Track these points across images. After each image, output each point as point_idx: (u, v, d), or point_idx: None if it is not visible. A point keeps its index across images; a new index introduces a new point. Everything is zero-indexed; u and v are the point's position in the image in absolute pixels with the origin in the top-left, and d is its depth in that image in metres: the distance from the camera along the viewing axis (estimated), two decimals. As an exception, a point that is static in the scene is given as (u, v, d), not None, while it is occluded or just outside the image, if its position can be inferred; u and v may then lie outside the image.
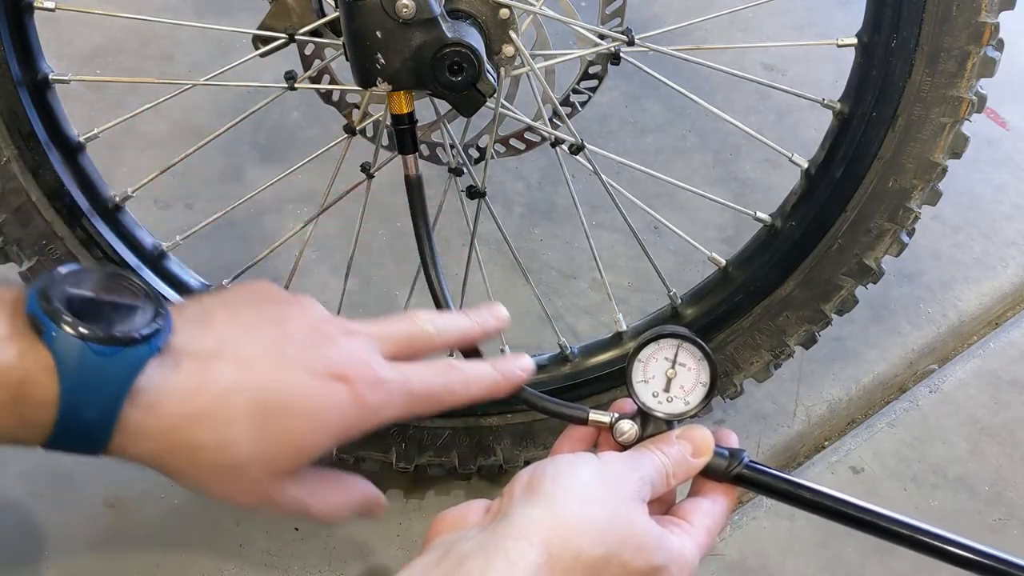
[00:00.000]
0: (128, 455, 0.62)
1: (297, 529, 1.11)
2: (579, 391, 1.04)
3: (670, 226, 1.00)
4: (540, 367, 1.07)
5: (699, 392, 0.72)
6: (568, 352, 1.06)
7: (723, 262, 1.00)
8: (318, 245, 1.37)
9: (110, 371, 0.57)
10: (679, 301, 1.02)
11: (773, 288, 0.96)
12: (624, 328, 1.03)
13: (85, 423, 0.58)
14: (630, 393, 0.72)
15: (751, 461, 0.71)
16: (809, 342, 0.99)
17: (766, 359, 1.00)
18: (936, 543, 0.69)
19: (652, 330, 0.73)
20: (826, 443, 1.23)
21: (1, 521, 1.09)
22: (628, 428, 0.71)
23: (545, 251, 1.42)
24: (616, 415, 0.71)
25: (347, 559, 1.09)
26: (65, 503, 1.11)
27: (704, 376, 0.72)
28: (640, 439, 0.71)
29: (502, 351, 1.06)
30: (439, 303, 0.79)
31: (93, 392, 0.57)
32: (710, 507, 0.70)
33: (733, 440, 0.73)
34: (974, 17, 0.79)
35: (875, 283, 0.95)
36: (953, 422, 1.24)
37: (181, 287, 0.99)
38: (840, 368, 1.30)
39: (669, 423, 0.71)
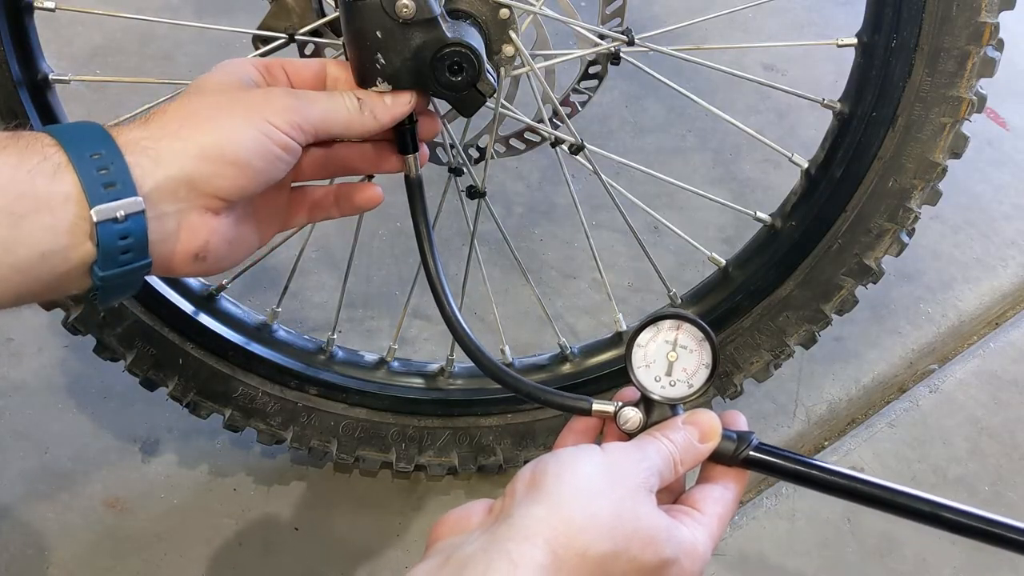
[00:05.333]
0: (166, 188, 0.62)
1: (297, 529, 1.11)
2: (579, 391, 1.03)
3: (670, 226, 1.00)
4: (540, 367, 1.07)
5: (702, 374, 0.70)
6: (568, 352, 1.06)
7: (723, 262, 1.00)
8: (318, 245, 1.37)
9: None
10: (679, 301, 1.02)
11: (773, 288, 0.96)
12: (624, 328, 1.03)
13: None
14: (632, 379, 0.70)
15: (761, 443, 0.69)
16: (809, 342, 0.99)
17: (766, 359, 1.00)
18: (958, 517, 0.67)
19: (651, 313, 0.72)
20: (826, 443, 1.24)
21: (1, 521, 1.09)
22: (632, 415, 0.69)
23: (545, 251, 1.42)
24: (620, 403, 0.70)
25: (347, 558, 1.09)
26: (65, 503, 1.11)
27: (706, 357, 0.70)
28: (645, 426, 0.69)
29: (502, 350, 1.06)
30: (440, 303, 0.78)
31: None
32: (721, 493, 0.68)
33: (741, 422, 0.71)
34: (974, 17, 0.79)
35: (875, 283, 0.95)
36: (953, 422, 1.24)
37: (180, 287, 0.99)
38: (840, 368, 1.30)
39: (674, 408, 0.69)
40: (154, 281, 0.96)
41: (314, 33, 0.86)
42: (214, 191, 0.63)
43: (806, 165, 0.93)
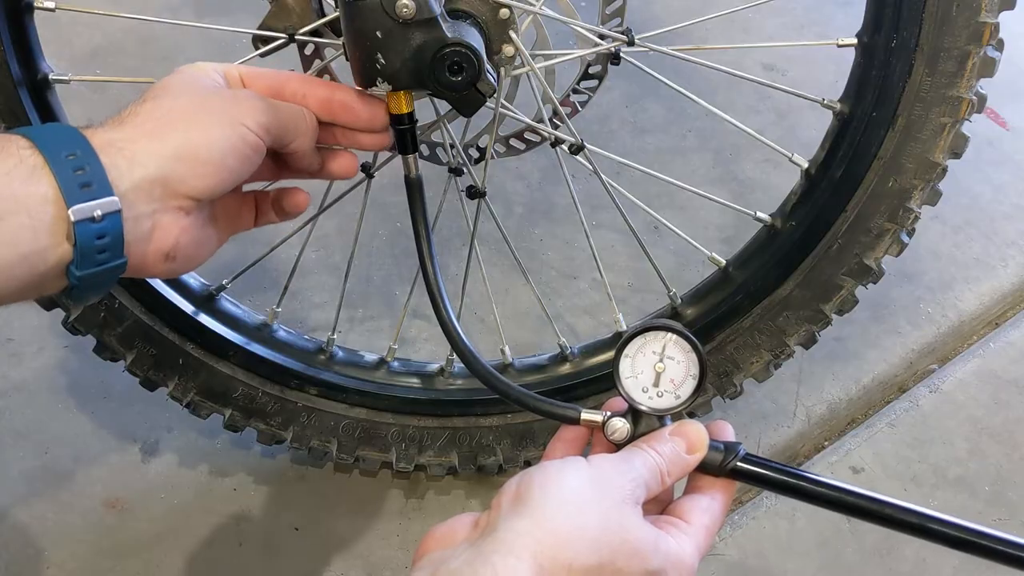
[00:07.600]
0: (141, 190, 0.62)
1: (297, 529, 1.11)
2: (579, 391, 1.04)
3: (670, 226, 1.00)
4: (540, 367, 1.07)
5: (689, 385, 0.70)
6: (568, 352, 1.06)
7: (723, 262, 1.00)
8: (318, 245, 1.37)
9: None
10: (679, 301, 1.02)
11: (773, 288, 0.96)
12: (624, 328, 1.03)
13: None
14: (619, 389, 0.70)
15: (748, 454, 0.69)
16: (809, 342, 0.99)
17: (766, 359, 1.00)
18: (942, 529, 0.68)
19: (638, 323, 0.72)
20: (826, 443, 1.23)
21: (1, 521, 1.09)
22: (620, 426, 0.69)
23: (545, 251, 1.42)
24: (608, 413, 0.70)
25: (346, 558, 1.09)
26: (65, 503, 1.11)
27: (694, 368, 0.70)
28: (633, 437, 0.69)
29: (502, 351, 1.06)
30: (436, 304, 0.78)
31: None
32: (708, 504, 0.68)
33: (728, 433, 0.72)
34: (974, 17, 0.79)
35: (875, 283, 0.95)
36: (953, 422, 1.24)
37: (180, 287, 0.99)
38: (840, 368, 1.30)
39: (661, 419, 0.70)
40: (154, 281, 0.96)
41: (314, 33, 0.86)
42: (188, 191, 0.64)
43: (806, 165, 0.93)
